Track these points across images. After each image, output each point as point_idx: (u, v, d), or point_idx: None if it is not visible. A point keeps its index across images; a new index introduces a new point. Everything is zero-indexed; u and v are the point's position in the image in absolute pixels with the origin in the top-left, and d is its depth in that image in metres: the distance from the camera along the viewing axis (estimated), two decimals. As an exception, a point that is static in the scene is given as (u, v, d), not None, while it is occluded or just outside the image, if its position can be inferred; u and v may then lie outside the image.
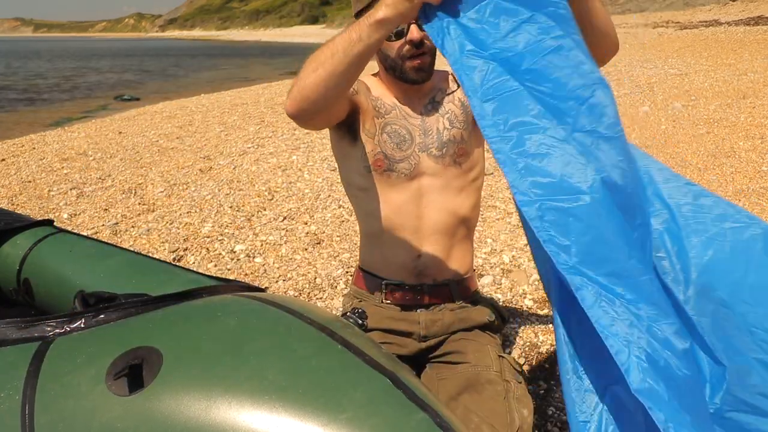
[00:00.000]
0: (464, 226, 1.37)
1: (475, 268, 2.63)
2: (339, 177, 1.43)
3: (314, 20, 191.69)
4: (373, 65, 1.26)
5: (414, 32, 1.21)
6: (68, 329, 0.93)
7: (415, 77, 1.27)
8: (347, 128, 1.32)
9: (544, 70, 0.86)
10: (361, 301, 1.39)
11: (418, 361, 1.37)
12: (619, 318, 0.77)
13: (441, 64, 1.30)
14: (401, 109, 1.32)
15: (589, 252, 0.80)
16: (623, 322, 0.77)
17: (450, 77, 1.40)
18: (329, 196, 3.83)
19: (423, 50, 1.24)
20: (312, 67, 1.07)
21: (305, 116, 1.12)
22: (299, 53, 36.84)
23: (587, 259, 0.80)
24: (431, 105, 1.34)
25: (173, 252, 3.05)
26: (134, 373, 0.78)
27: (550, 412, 1.67)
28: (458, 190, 1.34)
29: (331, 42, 1.06)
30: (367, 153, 1.30)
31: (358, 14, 1.21)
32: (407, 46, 1.23)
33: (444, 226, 1.33)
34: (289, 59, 29.77)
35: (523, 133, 0.85)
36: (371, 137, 1.30)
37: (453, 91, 1.36)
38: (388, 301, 1.35)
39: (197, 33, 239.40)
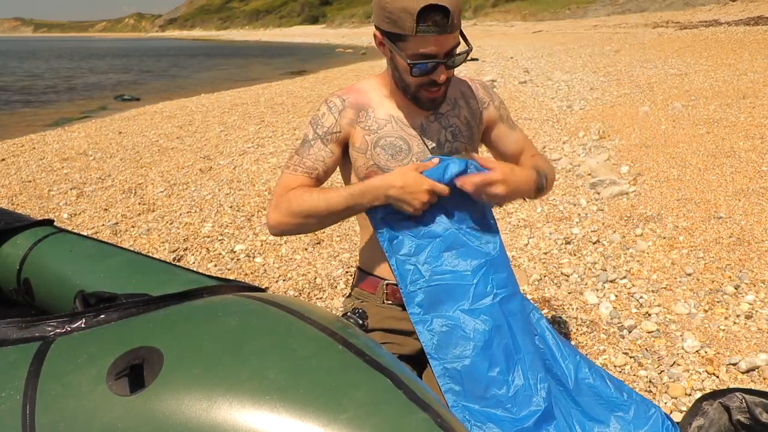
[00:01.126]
0: None
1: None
2: (340, 177, 1.43)
3: (314, 20, 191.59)
4: (373, 65, 1.26)
5: (442, 76, 1.18)
6: (69, 329, 0.93)
7: (429, 107, 1.27)
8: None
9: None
10: (362, 302, 1.39)
11: (419, 361, 1.37)
12: None
13: (457, 71, 1.30)
14: (398, 120, 1.30)
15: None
16: None
17: (466, 88, 1.37)
18: (329, 196, 3.83)
19: (441, 86, 1.22)
20: (315, 220, 1.26)
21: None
22: (299, 53, 36.86)
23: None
24: (434, 116, 1.32)
25: (173, 252, 3.05)
26: (135, 373, 0.78)
27: (551, 412, 1.67)
28: None
29: (329, 202, 1.22)
30: (359, 166, 1.30)
31: (383, 32, 1.18)
32: (428, 80, 1.20)
33: None
34: (289, 59, 29.76)
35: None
36: (362, 153, 1.29)
37: (460, 107, 1.35)
38: (389, 302, 1.35)
39: (197, 33, 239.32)
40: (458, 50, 1.20)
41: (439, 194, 1.18)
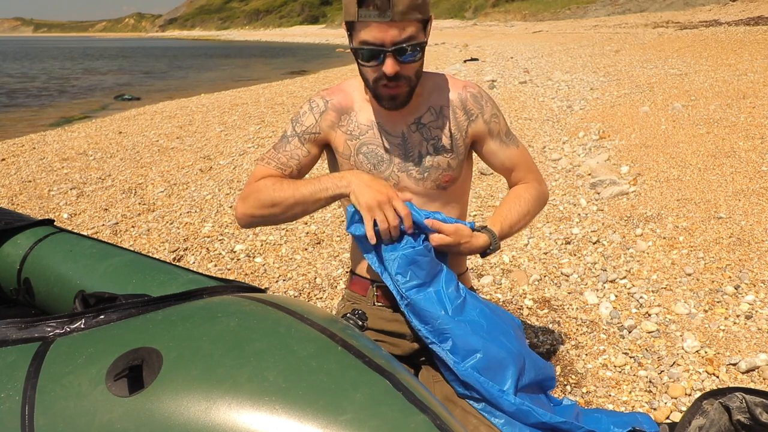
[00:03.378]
0: None
1: (474, 267, 2.64)
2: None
3: (314, 20, 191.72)
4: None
5: (389, 66, 1.12)
6: (68, 330, 0.93)
7: (388, 106, 1.21)
8: (326, 151, 1.34)
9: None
10: (354, 304, 1.40)
11: (412, 362, 1.37)
12: None
13: (458, 73, 1.28)
14: (380, 127, 1.27)
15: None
16: None
17: (455, 96, 1.30)
18: (329, 196, 3.83)
19: (398, 82, 1.16)
20: (280, 209, 1.21)
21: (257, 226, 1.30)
22: (299, 53, 36.85)
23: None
24: (416, 126, 1.27)
25: (173, 252, 3.05)
26: (134, 373, 0.78)
27: (550, 413, 1.67)
28: (440, 206, 1.32)
29: (297, 190, 1.19)
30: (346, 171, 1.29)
31: (345, 24, 1.16)
32: (381, 73, 1.15)
33: None
34: (289, 59, 29.78)
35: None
36: (346, 159, 1.28)
37: (444, 118, 1.28)
38: (380, 303, 1.35)
39: (197, 33, 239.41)
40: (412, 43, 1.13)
41: (397, 210, 1.14)
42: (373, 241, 1.14)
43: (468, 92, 1.32)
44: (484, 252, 1.26)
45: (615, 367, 1.87)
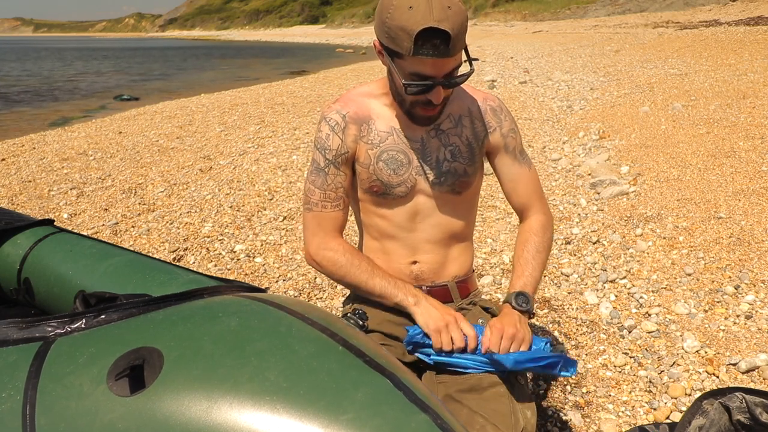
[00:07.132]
0: (458, 237, 1.38)
1: (475, 268, 2.64)
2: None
3: (314, 20, 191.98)
4: (373, 65, 1.24)
5: (438, 96, 1.15)
6: (69, 329, 0.93)
7: (423, 123, 1.25)
8: None
9: None
10: (361, 303, 1.40)
11: (416, 365, 1.37)
12: None
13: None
14: (399, 133, 1.28)
15: None
16: None
17: (475, 107, 1.32)
18: (329, 196, 3.83)
19: (438, 105, 1.19)
20: (347, 281, 1.30)
21: None
22: (299, 53, 36.86)
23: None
24: (435, 131, 1.29)
25: (173, 252, 3.05)
26: (135, 373, 0.79)
27: (550, 413, 1.67)
28: (453, 208, 1.34)
29: (371, 278, 1.27)
30: (363, 180, 1.29)
31: (382, 45, 1.14)
32: (424, 99, 1.17)
33: (438, 238, 1.34)
34: (289, 59, 29.79)
35: None
36: (366, 167, 1.28)
37: (463, 126, 1.31)
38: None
39: (197, 33, 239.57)
40: (460, 71, 1.16)
41: (464, 331, 1.19)
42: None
43: (488, 105, 1.34)
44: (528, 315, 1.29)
45: (615, 367, 1.87)
